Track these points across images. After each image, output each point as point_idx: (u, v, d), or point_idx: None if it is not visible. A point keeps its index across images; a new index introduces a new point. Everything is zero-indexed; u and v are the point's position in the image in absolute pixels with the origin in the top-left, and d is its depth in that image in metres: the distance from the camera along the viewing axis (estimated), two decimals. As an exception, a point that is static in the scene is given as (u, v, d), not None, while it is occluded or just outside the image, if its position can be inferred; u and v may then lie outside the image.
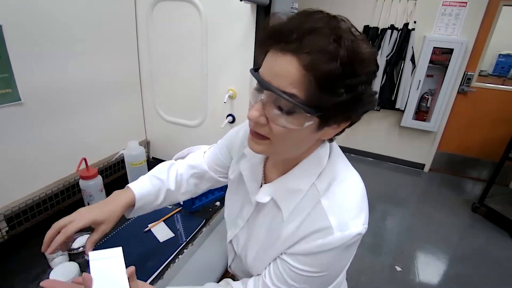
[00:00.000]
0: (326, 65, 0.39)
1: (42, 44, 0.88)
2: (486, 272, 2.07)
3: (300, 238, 0.52)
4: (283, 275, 0.54)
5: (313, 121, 0.44)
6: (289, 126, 0.44)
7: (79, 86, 1.03)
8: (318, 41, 0.40)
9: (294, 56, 0.41)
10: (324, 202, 0.51)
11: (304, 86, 0.41)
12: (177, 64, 1.19)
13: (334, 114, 0.44)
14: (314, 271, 0.51)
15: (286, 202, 0.55)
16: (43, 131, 0.95)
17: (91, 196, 0.98)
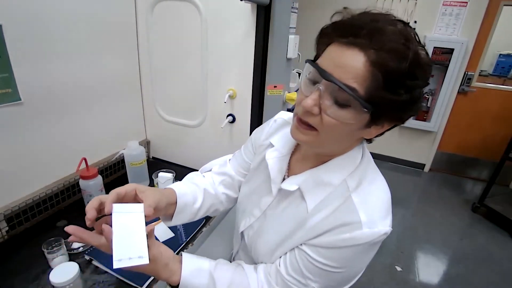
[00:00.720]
0: (395, 64, 0.41)
1: (42, 44, 0.88)
2: (486, 272, 2.07)
3: (324, 231, 0.51)
4: (299, 266, 0.54)
5: (365, 118, 0.46)
6: (342, 119, 0.45)
7: (79, 86, 1.03)
8: (390, 41, 0.41)
9: (361, 51, 0.42)
10: (355, 198, 0.51)
11: (366, 81, 0.42)
12: (177, 64, 1.19)
13: (388, 113, 0.46)
14: (333, 265, 0.51)
15: (312, 194, 0.55)
16: (43, 131, 0.95)
17: (91, 196, 0.98)
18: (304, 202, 0.56)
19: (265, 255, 0.62)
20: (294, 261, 0.55)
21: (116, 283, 0.77)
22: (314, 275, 0.52)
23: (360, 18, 0.45)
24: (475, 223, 2.60)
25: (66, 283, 0.66)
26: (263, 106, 1.10)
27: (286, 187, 0.58)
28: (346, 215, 0.50)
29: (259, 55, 1.02)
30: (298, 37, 1.06)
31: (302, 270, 0.53)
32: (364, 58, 0.42)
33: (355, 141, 0.54)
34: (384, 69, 0.41)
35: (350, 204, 0.51)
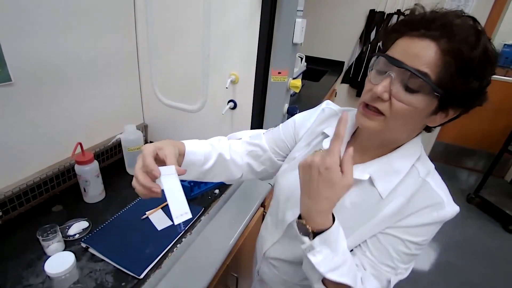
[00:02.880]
0: (467, 52, 0.45)
1: (33, 21, 0.82)
2: (477, 260, 2.12)
3: (409, 214, 0.56)
4: (388, 250, 0.57)
5: (433, 104, 0.49)
6: (412, 104, 0.49)
7: (73, 66, 0.97)
8: (461, 31, 0.45)
9: (433, 41, 0.46)
10: (431, 182, 0.56)
11: (438, 68, 0.46)
12: (178, 44, 1.13)
13: (455, 99, 0.49)
14: (419, 242, 0.56)
15: (384, 182, 0.58)
16: (36, 113, 0.90)
17: (87, 182, 0.96)
18: (374, 189, 0.58)
19: None
20: (380, 246, 0.58)
21: (113, 271, 0.76)
22: (401, 255, 0.57)
23: (432, 13, 0.49)
24: (469, 213, 2.63)
25: (62, 274, 0.64)
26: (266, 93, 1.06)
27: (358, 176, 0.58)
28: (429, 198, 0.55)
29: (264, 39, 0.96)
30: (305, 20, 1.01)
31: (391, 254, 0.57)
32: (436, 47, 0.46)
33: (419, 129, 0.58)
34: (457, 56, 0.45)
35: (429, 188, 0.56)
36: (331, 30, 3.20)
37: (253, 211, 1.07)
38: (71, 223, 0.88)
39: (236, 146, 0.77)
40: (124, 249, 0.82)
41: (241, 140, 0.79)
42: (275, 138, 0.77)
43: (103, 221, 0.91)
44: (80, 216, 0.92)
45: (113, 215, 0.94)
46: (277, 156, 0.77)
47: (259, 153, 0.77)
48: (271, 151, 0.76)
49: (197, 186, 1.07)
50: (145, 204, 1.00)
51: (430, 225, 0.56)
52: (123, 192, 1.06)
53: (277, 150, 0.77)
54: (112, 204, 1.00)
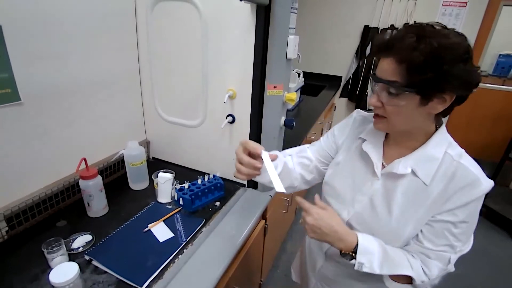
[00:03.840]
0: (410, 56, 0.57)
1: (42, 44, 0.88)
2: (485, 271, 2.07)
3: (451, 195, 0.64)
4: (445, 233, 0.67)
5: (415, 97, 0.60)
6: (398, 103, 0.62)
7: (79, 86, 1.03)
8: (404, 43, 0.59)
9: (390, 57, 0.61)
10: (465, 163, 0.65)
11: (400, 73, 0.59)
12: (177, 64, 1.19)
13: (427, 89, 0.59)
14: (468, 220, 0.65)
15: (424, 170, 0.67)
16: (43, 131, 0.95)
17: (91, 196, 0.98)
18: (418, 179, 0.68)
19: (389, 233, 0.71)
20: (437, 232, 0.67)
21: (115, 283, 0.77)
22: (456, 235, 0.66)
23: (389, 37, 0.63)
24: (474, 223, 2.59)
25: (66, 283, 0.66)
26: (263, 107, 1.10)
27: (400, 171, 0.68)
28: (464, 178, 0.64)
29: (259, 55, 1.01)
30: (297, 37, 1.06)
31: (448, 236, 0.66)
32: (393, 60, 0.60)
33: (427, 117, 0.66)
34: (406, 61, 0.58)
35: (464, 167, 0.64)
36: (327, 46, 3.29)
37: (253, 223, 1.08)
38: (75, 237, 0.90)
39: (288, 160, 0.88)
40: (127, 260, 0.84)
41: (290, 156, 0.92)
42: (318, 149, 0.90)
43: (106, 234, 0.93)
44: (83, 230, 0.94)
45: (116, 228, 0.96)
46: (322, 165, 0.89)
47: (307, 163, 0.90)
48: (316, 161, 0.89)
49: (198, 199, 1.09)
50: (147, 217, 1.02)
51: (473, 202, 0.63)
52: (126, 206, 1.09)
53: (321, 159, 0.89)
54: (115, 218, 1.02)
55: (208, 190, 1.12)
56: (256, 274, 1.46)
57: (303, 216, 0.72)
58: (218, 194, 1.16)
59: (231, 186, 1.25)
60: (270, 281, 1.89)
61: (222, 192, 1.17)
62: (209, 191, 1.13)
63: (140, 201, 1.12)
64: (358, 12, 3.06)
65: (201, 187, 1.10)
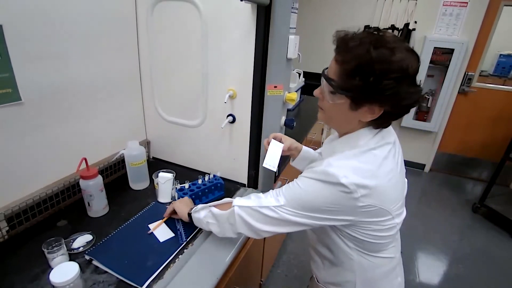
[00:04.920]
0: (346, 59, 0.63)
1: (43, 44, 0.88)
2: (486, 272, 2.07)
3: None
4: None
5: (345, 100, 0.65)
6: (330, 100, 0.68)
7: (79, 86, 1.03)
8: (347, 46, 0.63)
9: (336, 57, 0.66)
10: (331, 159, 0.67)
11: (338, 74, 0.65)
12: (178, 64, 1.19)
13: (357, 95, 0.63)
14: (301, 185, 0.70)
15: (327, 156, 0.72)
16: (44, 130, 0.95)
17: (91, 196, 0.98)
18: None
19: None
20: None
21: (116, 282, 0.77)
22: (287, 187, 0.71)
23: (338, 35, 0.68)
24: (475, 223, 2.59)
25: (66, 283, 0.66)
26: (263, 106, 1.10)
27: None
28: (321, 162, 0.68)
29: (259, 55, 1.01)
30: (298, 37, 1.06)
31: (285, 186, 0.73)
32: (335, 61, 0.66)
33: (358, 123, 0.70)
34: (342, 64, 0.64)
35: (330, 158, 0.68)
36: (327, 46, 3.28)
37: (253, 223, 1.08)
38: (75, 237, 0.90)
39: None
40: (127, 260, 0.84)
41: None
42: None
43: (106, 234, 0.93)
44: (84, 230, 0.94)
45: (116, 228, 0.96)
46: None
47: None
48: None
49: (198, 199, 1.09)
50: (147, 217, 1.02)
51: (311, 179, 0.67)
52: (126, 206, 1.09)
53: None
54: (116, 218, 1.02)
55: (209, 190, 1.12)
56: (256, 274, 1.45)
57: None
58: (219, 194, 1.16)
59: (231, 186, 1.24)
60: (270, 281, 1.89)
61: (223, 192, 1.17)
62: (209, 191, 1.13)
63: (140, 201, 1.12)
64: (359, 12, 3.06)
65: (202, 187, 1.10)
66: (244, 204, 0.76)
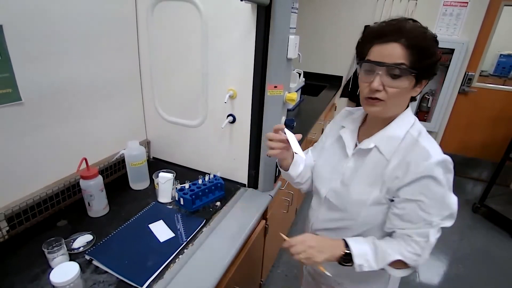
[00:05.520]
0: (420, 42, 0.66)
1: (43, 44, 0.88)
2: (487, 272, 2.07)
3: (405, 169, 0.70)
4: (415, 211, 0.71)
5: (412, 81, 0.69)
6: (400, 86, 0.68)
7: (79, 86, 1.03)
8: (412, 30, 0.67)
9: (396, 43, 0.67)
10: (421, 140, 0.72)
11: (406, 57, 0.66)
12: (178, 64, 1.19)
13: (424, 73, 0.69)
14: (427, 195, 0.70)
15: (386, 146, 0.75)
16: (44, 130, 0.95)
17: (91, 196, 0.99)
18: (381, 155, 0.75)
19: (357, 203, 0.78)
20: (408, 214, 0.72)
21: (116, 282, 0.77)
22: (425, 210, 0.70)
23: (387, 25, 0.70)
24: (475, 223, 2.59)
25: (66, 283, 0.66)
26: (263, 106, 1.10)
27: (365, 146, 0.78)
28: (419, 152, 0.70)
29: (259, 55, 1.01)
30: (298, 37, 1.06)
31: (419, 213, 0.71)
32: (400, 45, 0.66)
33: (407, 101, 0.76)
34: (415, 47, 0.66)
35: (419, 144, 0.71)
36: (328, 46, 3.29)
37: (254, 223, 1.08)
38: (75, 237, 0.90)
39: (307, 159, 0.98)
40: (127, 260, 0.84)
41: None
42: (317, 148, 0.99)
43: (107, 234, 0.93)
44: (84, 230, 0.94)
45: (117, 228, 0.96)
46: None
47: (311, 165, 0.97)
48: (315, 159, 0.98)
49: (198, 199, 1.09)
50: (147, 217, 1.02)
51: (425, 176, 0.68)
52: (127, 206, 1.09)
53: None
54: (116, 218, 1.02)
55: (209, 190, 1.12)
56: (257, 274, 1.46)
57: (291, 252, 0.75)
58: (219, 194, 1.16)
59: (231, 186, 1.25)
60: (270, 281, 1.89)
61: (223, 192, 1.17)
62: (209, 191, 1.13)
63: (140, 201, 1.12)
64: (359, 12, 3.06)
65: (202, 187, 1.10)
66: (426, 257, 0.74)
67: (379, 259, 0.73)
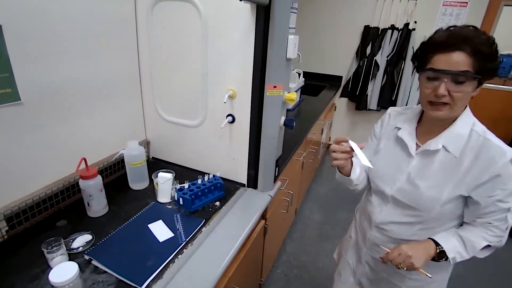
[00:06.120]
0: (485, 50, 0.71)
1: (42, 44, 0.88)
2: (486, 272, 2.07)
3: (482, 167, 0.77)
4: (495, 204, 0.79)
5: (475, 84, 0.75)
6: (464, 90, 0.74)
7: (79, 86, 1.03)
8: (476, 39, 0.71)
9: (461, 51, 0.72)
10: (490, 137, 0.79)
11: (471, 64, 0.72)
12: (177, 64, 1.19)
13: (485, 77, 0.74)
14: (506, 187, 0.77)
15: (453, 145, 0.81)
16: (43, 130, 0.95)
17: (90, 196, 0.99)
18: (449, 154, 0.82)
19: (430, 200, 0.84)
20: (488, 207, 0.80)
21: (115, 282, 0.77)
22: (504, 200, 0.78)
23: (450, 35, 0.74)
24: (475, 223, 2.59)
25: (66, 283, 0.66)
26: (262, 106, 1.10)
27: (433, 147, 0.84)
28: (492, 148, 0.77)
29: (259, 55, 1.01)
30: (297, 37, 1.06)
31: (498, 205, 0.79)
32: (464, 54, 0.71)
33: (467, 103, 0.82)
34: (479, 54, 0.71)
35: (490, 141, 0.78)
36: (328, 46, 3.29)
37: (253, 223, 1.08)
38: (75, 237, 0.90)
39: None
40: (127, 260, 0.84)
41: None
42: (368, 149, 1.02)
43: (106, 234, 0.93)
44: (83, 230, 0.94)
45: (116, 228, 0.96)
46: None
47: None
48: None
49: (198, 199, 1.09)
50: (147, 217, 1.02)
51: (503, 172, 0.75)
52: (126, 206, 1.09)
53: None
54: (115, 218, 1.02)
55: (208, 190, 1.12)
56: (256, 274, 1.46)
57: (397, 265, 0.83)
58: (218, 194, 1.16)
59: (231, 186, 1.25)
60: (270, 281, 1.89)
61: (222, 192, 1.17)
62: (209, 191, 1.13)
63: (140, 201, 1.12)
64: (358, 12, 3.07)
65: (201, 187, 1.10)
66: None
67: (468, 249, 0.83)
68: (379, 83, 3.11)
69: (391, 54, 3.00)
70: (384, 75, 3.09)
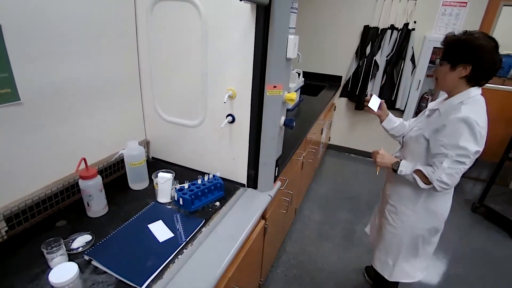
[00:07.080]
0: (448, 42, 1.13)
1: (42, 44, 0.88)
2: (486, 272, 2.07)
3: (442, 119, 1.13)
4: (438, 147, 1.12)
5: (447, 65, 1.12)
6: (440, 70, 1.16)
7: (78, 86, 1.03)
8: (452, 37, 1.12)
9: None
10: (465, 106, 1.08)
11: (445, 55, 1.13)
12: (177, 64, 1.19)
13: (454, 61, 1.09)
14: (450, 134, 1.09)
15: (443, 108, 1.17)
16: (43, 131, 0.95)
17: (90, 196, 0.98)
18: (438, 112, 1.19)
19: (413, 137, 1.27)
20: (434, 147, 1.14)
21: (115, 283, 0.77)
22: (445, 146, 1.09)
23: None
24: (475, 223, 2.60)
25: (65, 283, 0.66)
26: (262, 106, 1.10)
27: (430, 106, 1.27)
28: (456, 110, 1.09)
29: (259, 55, 1.01)
30: (297, 37, 1.06)
31: (440, 148, 1.11)
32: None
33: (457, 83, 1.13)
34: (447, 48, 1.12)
35: (461, 105, 1.09)
36: (327, 46, 3.29)
37: (253, 223, 1.08)
38: (74, 237, 0.90)
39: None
40: (126, 261, 0.84)
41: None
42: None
43: (106, 234, 0.93)
44: (83, 230, 0.94)
45: (116, 228, 0.96)
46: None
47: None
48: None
49: (198, 199, 1.09)
50: (147, 217, 1.02)
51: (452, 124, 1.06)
52: (126, 206, 1.09)
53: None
54: (115, 218, 1.02)
55: (208, 190, 1.12)
56: (256, 274, 1.45)
57: (374, 158, 1.32)
58: (218, 194, 1.16)
59: (231, 186, 1.25)
60: (270, 281, 1.89)
61: (222, 192, 1.17)
62: (209, 191, 1.13)
63: (140, 201, 1.12)
64: (358, 12, 3.07)
65: (201, 187, 1.10)
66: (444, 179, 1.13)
67: (411, 169, 1.20)
68: (378, 83, 3.12)
69: (391, 54, 3.00)
70: (383, 75, 3.09)
